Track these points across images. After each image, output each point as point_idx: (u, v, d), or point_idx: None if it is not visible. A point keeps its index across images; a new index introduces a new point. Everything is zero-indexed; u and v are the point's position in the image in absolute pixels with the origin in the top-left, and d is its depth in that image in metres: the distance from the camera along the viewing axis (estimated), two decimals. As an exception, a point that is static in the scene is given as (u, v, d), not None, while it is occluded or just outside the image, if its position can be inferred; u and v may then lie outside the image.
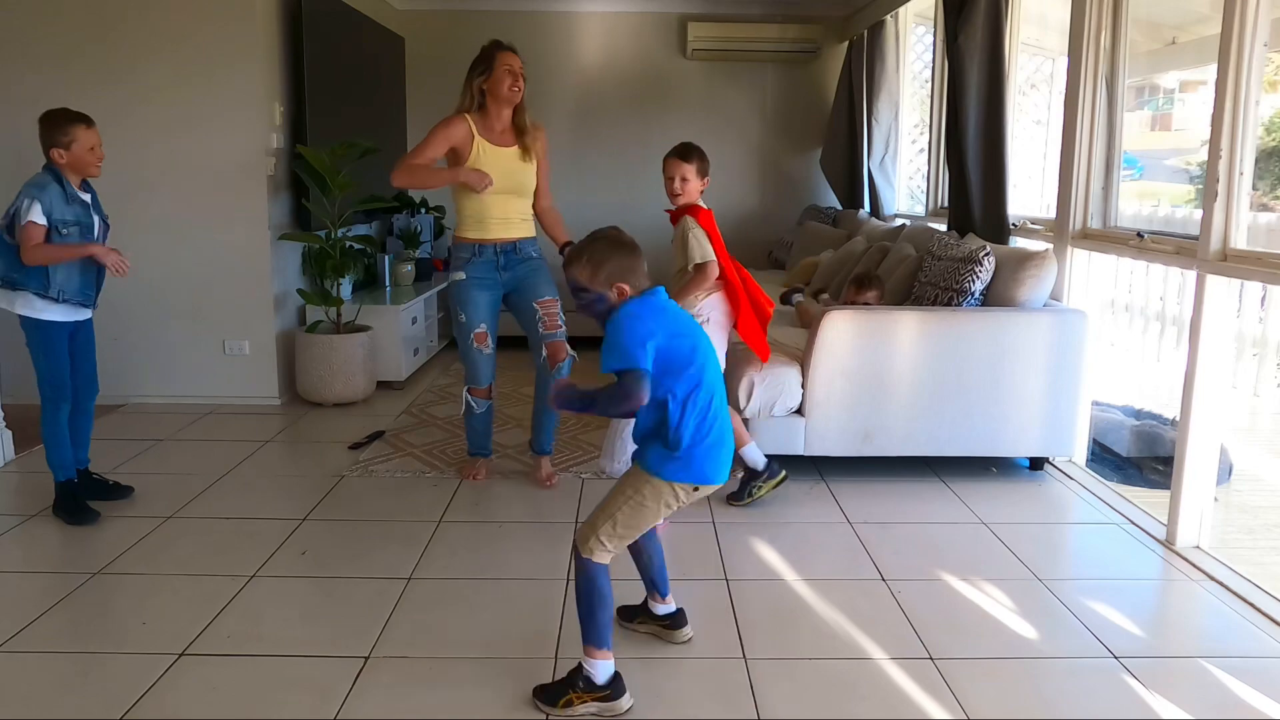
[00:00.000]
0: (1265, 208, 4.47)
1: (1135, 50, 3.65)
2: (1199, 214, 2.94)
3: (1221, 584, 2.73)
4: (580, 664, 2.08)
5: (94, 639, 2.37)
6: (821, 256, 5.48)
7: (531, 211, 3.46)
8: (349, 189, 4.54)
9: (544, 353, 3.39)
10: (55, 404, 3.14)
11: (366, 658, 2.28)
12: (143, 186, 4.42)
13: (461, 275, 3.36)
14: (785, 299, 4.74)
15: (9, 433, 3.76)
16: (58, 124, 3.01)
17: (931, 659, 2.30)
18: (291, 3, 4.64)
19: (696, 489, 2.07)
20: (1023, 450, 3.67)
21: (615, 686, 2.07)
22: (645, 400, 1.93)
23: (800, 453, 3.54)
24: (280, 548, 2.93)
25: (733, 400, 3.55)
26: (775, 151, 6.92)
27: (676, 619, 2.37)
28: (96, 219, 3.13)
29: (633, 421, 2.95)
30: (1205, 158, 2.88)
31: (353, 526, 3.12)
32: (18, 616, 2.46)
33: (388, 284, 5.54)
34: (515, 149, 3.35)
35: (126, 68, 4.35)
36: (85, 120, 3.03)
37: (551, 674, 2.20)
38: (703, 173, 3.30)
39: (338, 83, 5.11)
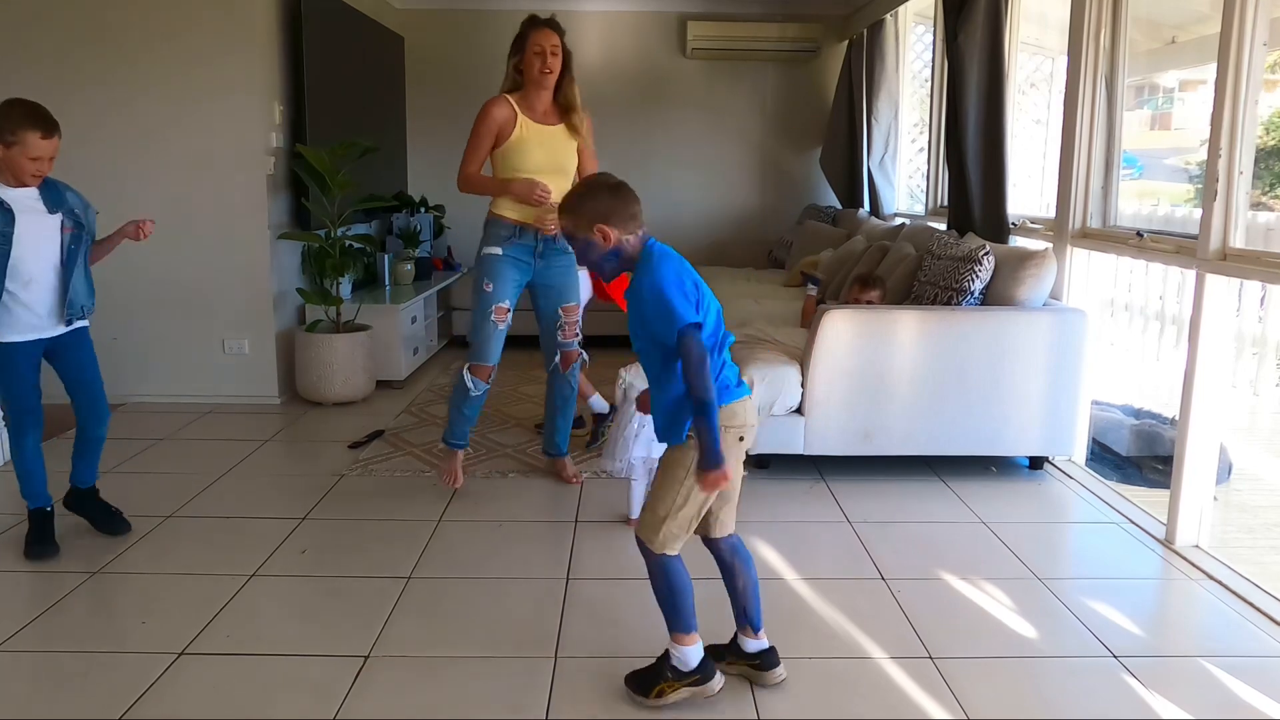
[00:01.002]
0: (1265, 207, 4.47)
1: (1135, 49, 3.65)
2: (1198, 213, 2.94)
3: (1221, 583, 2.73)
4: (668, 651, 2.06)
5: (93, 639, 2.37)
6: (821, 256, 5.48)
7: None
8: (348, 188, 4.54)
9: (558, 355, 3.40)
10: (18, 430, 2.81)
11: (366, 657, 2.28)
12: (142, 186, 4.42)
13: (497, 250, 3.22)
14: (805, 278, 4.72)
15: (9, 432, 3.75)
16: (10, 117, 2.63)
17: (931, 658, 2.30)
18: (291, 2, 4.63)
19: (740, 438, 2.00)
20: (1022, 449, 3.67)
21: (705, 669, 2.05)
22: (705, 358, 1.87)
23: (800, 452, 3.54)
24: (280, 547, 2.93)
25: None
26: (775, 150, 6.92)
27: (768, 658, 2.16)
28: (57, 221, 2.76)
29: (635, 421, 2.97)
30: (1205, 157, 2.88)
31: (352, 526, 3.12)
32: (18, 616, 2.46)
33: (387, 283, 5.54)
34: (560, 127, 3.30)
35: (125, 67, 4.35)
36: (44, 127, 2.65)
37: (551, 673, 2.20)
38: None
39: (337, 82, 5.11)
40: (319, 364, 4.54)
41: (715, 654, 2.18)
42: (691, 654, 2.05)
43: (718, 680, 2.06)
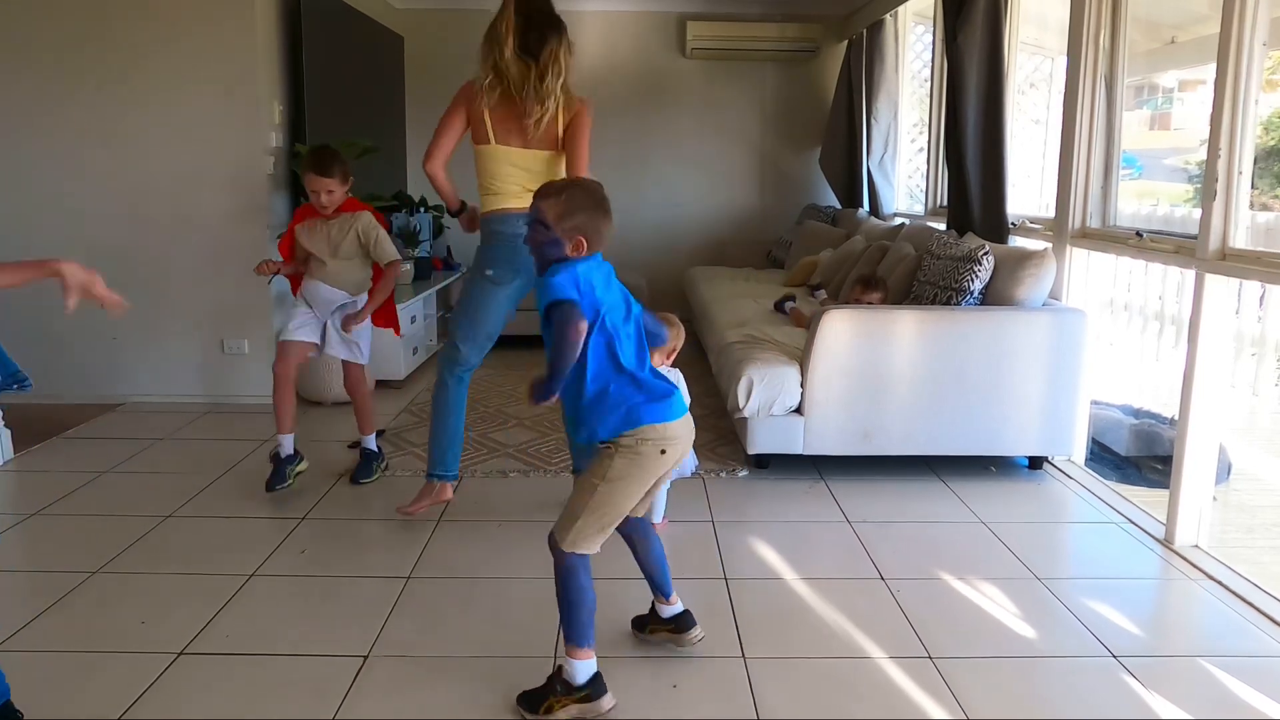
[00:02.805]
0: (1264, 207, 4.47)
1: (1134, 49, 3.65)
2: (1198, 213, 2.94)
3: (1220, 583, 2.73)
4: (560, 666, 2.05)
5: (93, 638, 2.37)
6: (821, 256, 5.49)
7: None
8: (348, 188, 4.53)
9: None
10: None
11: (365, 657, 2.28)
12: (141, 185, 4.43)
13: (489, 272, 3.00)
14: (779, 306, 4.70)
15: (8, 432, 3.76)
16: None
17: (930, 658, 2.30)
18: (291, 1, 4.63)
19: (663, 450, 1.99)
20: (1022, 449, 3.67)
21: (595, 687, 2.02)
22: (584, 329, 1.88)
23: (799, 452, 3.55)
24: (279, 547, 2.93)
25: (732, 399, 3.56)
26: (774, 150, 6.93)
27: (682, 621, 2.30)
28: None
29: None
30: (1204, 157, 2.88)
31: (352, 526, 3.12)
32: (17, 616, 2.46)
33: (387, 283, 5.53)
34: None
35: (125, 66, 4.35)
36: None
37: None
38: (345, 179, 3.35)
39: (337, 82, 5.11)
40: (319, 364, 4.53)
41: (639, 624, 2.36)
42: (581, 669, 2.01)
43: (608, 700, 2.02)
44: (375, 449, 3.59)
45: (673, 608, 2.31)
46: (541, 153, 3.00)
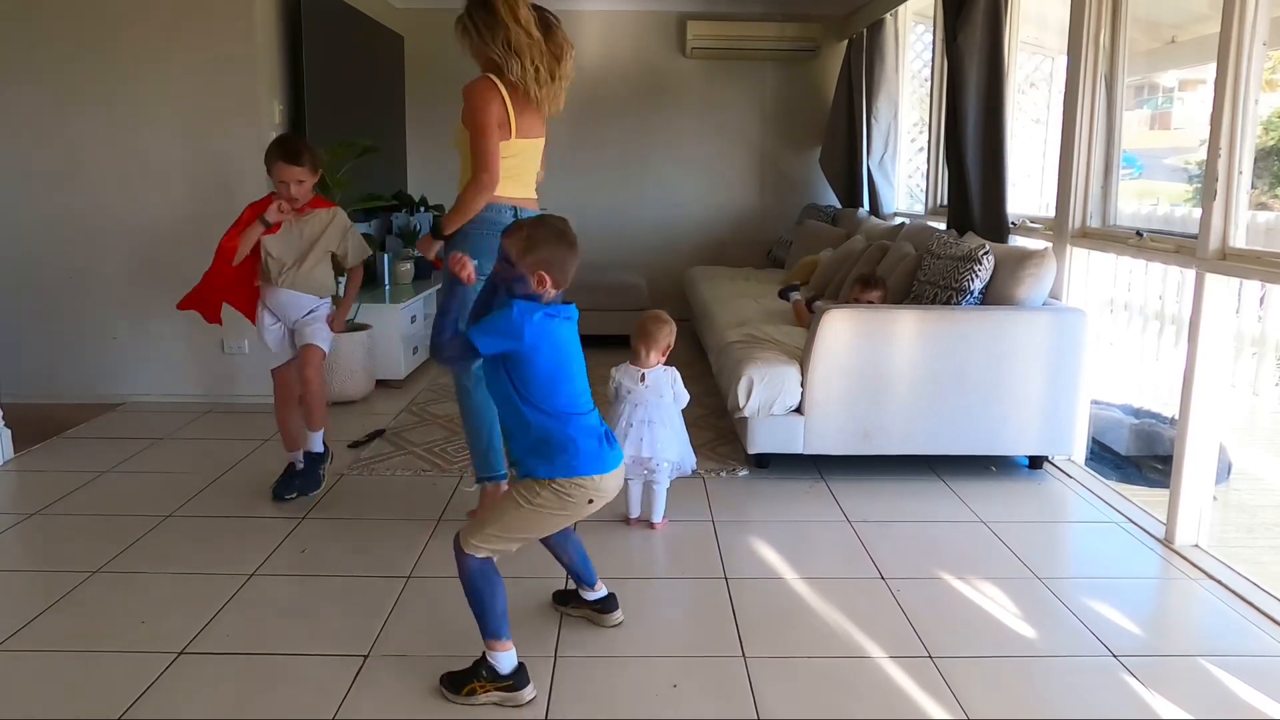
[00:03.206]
0: (1264, 206, 4.47)
1: (1134, 49, 3.65)
2: (1198, 213, 2.94)
3: (1220, 583, 2.73)
4: (484, 654, 2.10)
5: (93, 638, 2.37)
6: (821, 255, 5.48)
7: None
8: (348, 187, 4.54)
9: None
10: None
11: (366, 657, 2.28)
12: (141, 185, 4.43)
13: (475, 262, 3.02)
14: (783, 294, 4.74)
15: (8, 431, 3.76)
16: None
17: (931, 658, 2.30)
18: (291, 1, 4.63)
19: (590, 500, 2.08)
20: (1022, 449, 3.67)
21: (518, 678, 2.09)
22: (446, 356, 2.11)
23: (799, 451, 3.55)
24: (280, 546, 2.93)
25: (732, 399, 3.56)
26: (774, 150, 6.93)
27: (607, 603, 2.41)
28: None
29: (624, 419, 2.98)
30: (1204, 156, 2.88)
31: (352, 525, 3.12)
32: (18, 616, 2.46)
33: (387, 282, 5.54)
34: None
35: (125, 69, 4.34)
36: None
37: (551, 673, 2.21)
38: (315, 169, 3.18)
39: (337, 82, 5.11)
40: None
41: (560, 598, 2.47)
42: (504, 660, 2.08)
43: (528, 692, 2.08)
44: (323, 448, 3.35)
45: (597, 593, 2.42)
46: (543, 139, 2.98)
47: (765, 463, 3.68)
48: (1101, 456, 4.15)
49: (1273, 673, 2.26)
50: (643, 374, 2.99)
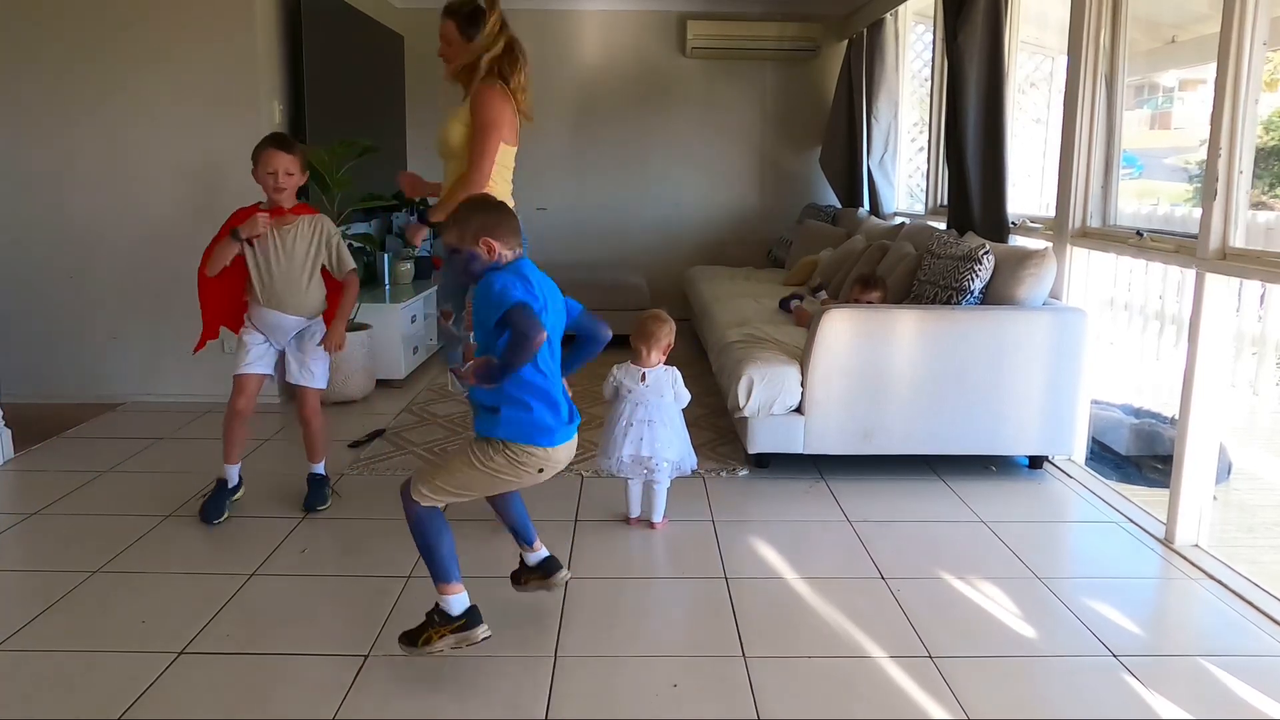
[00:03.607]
0: (1264, 206, 4.47)
1: (1135, 49, 3.65)
2: (1198, 212, 2.94)
3: (1220, 582, 2.73)
4: (436, 603, 2.15)
5: (93, 638, 2.37)
6: (821, 255, 5.49)
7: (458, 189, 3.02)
8: (348, 187, 4.53)
9: None
10: None
11: (366, 657, 2.28)
12: (141, 185, 4.43)
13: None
14: (784, 305, 4.74)
15: (8, 431, 3.76)
16: None
17: (931, 658, 2.30)
18: (291, 2, 4.63)
19: (540, 470, 2.13)
20: (1022, 449, 3.67)
21: (470, 616, 2.13)
22: (544, 334, 1.97)
23: (800, 451, 3.55)
24: (280, 546, 2.93)
25: (732, 398, 3.56)
26: (774, 150, 6.93)
27: (548, 564, 2.44)
28: None
29: (624, 418, 2.98)
30: (1204, 156, 2.88)
31: (352, 525, 3.12)
32: (18, 615, 2.46)
33: (387, 282, 5.54)
34: (458, 108, 3.05)
35: (125, 67, 4.34)
36: None
37: (550, 673, 2.21)
38: (304, 166, 3.08)
39: (337, 81, 5.11)
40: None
41: (514, 579, 2.50)
42: (455, 602, 2.14)
43: (482, 630, 2.15)
44: (324, 474, 3.29)
45: (537, 554, 2.45)
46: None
47: (765, 462, 3.68)
48: (1102, 456, 4.15)
49: (1273, 673, 2.26)
50: (643, 373, 2.99)
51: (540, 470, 2.14)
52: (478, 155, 2.88)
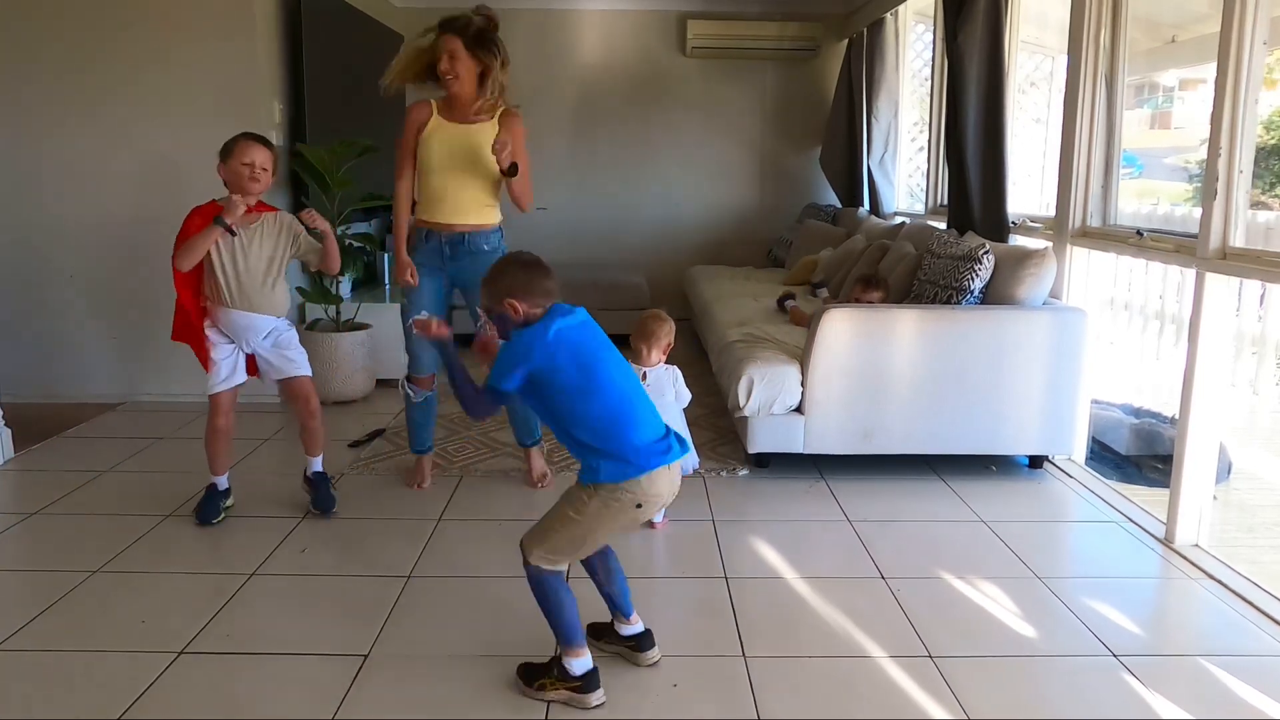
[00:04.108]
0: (1264, 206, 4.47)
1: (1135, 48, 3.65)
2: (1198, 212, 2.94)
3: (1220, 582, 2.73)
4: (560, 655, 2.12)
5: (93, 638, 2.37)
6: (821, 255, 5.49)
7: (492, 198, 3.30)
8: (348, 187, 4.53)
9: None
10: None
11: (366, 656, 2.28)
12: (141, 185, 4.43)
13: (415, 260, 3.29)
14: (780, 304, 4.73)
15: (8, 431, 3.76)
16: None
17: (931, 657, 2.30)
18: (291, 1, 4.63)
19: (639, 505, 2.05)
20: (1022, 448, 3.67)
21: (589, 681, 2.09)
22: (481, 412, 2.12)
23: (800, 451, 3.54)
24: (280, 546, 2.93)
25: (732, 398, 3.56)
26: (775, 149, 6.92)
27: (642, 640, 2.28)
28: None
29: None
30: (1204, 156, 2.88)
31: (352, 524, 3.12)
32: (18, 615, 2.46)
33: (387, 282, 5.54)
34: (475, 126, 3.28)
35: (125, 68, 4.34)
36: None
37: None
38: (275, 166, 3.11)
39: (337, 81, 5.11)
40: (319, 363, 4.51)
41: (595, 632, 2.32)
42: (577, 665, 2.10)
43: (597, 696, 2.09)
44: (324, 472, 3.24)
45: (633, 627, 2.29)
46: None
47: (765, 462, 3.68)
48: (1102, 456, 4.15)
49: (1273, 673, 2.26)
50: (644, 373, 2.99)
51: (639, 505, 2.04)
52: (529, 186, 3.25)
